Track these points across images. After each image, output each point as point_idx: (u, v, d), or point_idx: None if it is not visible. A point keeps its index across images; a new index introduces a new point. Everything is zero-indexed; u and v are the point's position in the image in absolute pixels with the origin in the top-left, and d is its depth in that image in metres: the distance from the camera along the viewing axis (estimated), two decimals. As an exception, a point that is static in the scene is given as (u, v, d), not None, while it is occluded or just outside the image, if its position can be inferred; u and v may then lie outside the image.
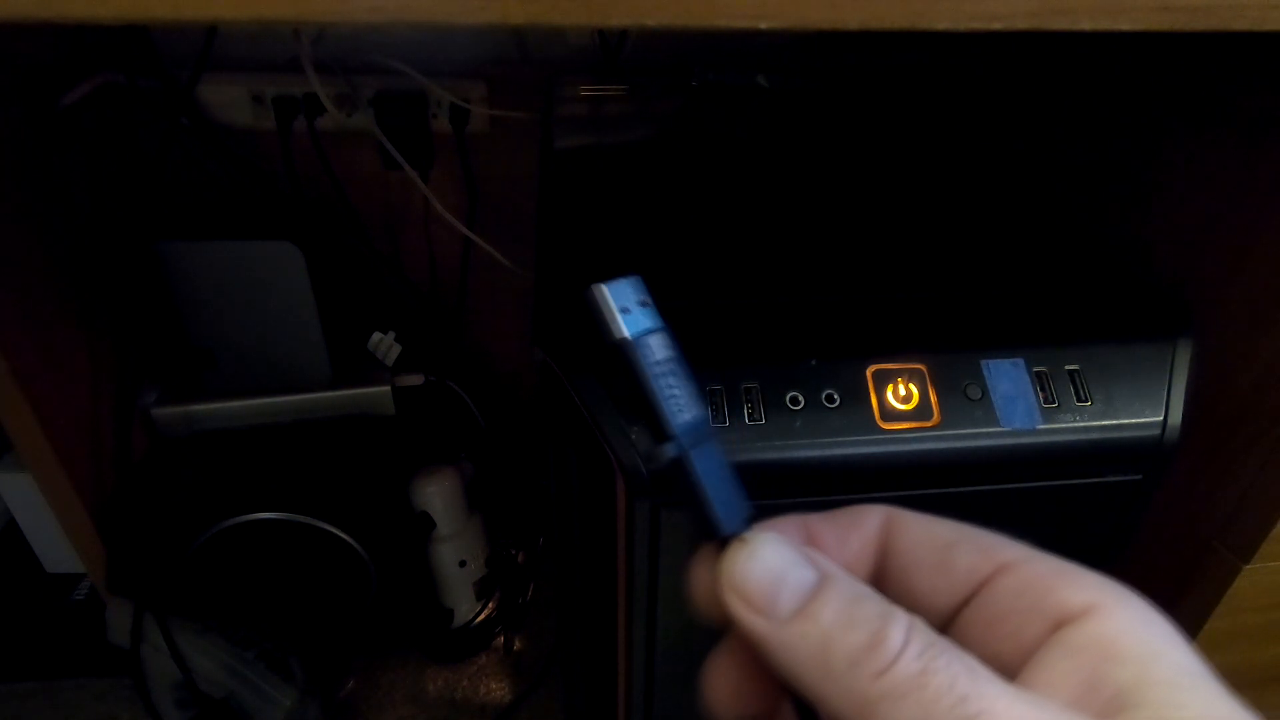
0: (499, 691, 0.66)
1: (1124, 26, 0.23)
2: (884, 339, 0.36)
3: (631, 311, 0.18)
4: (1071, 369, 0.36)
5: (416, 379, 0.68)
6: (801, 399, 0.34)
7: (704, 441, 0.19)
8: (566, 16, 0.21)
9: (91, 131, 0.57)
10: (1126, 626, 0.16)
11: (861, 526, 0.19)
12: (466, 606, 0.68)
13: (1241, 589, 0.40)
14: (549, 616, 0.73)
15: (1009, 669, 0.16)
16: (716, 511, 0.18)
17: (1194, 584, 0.43)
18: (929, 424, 0.35)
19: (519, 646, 0.70)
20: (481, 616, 0.69)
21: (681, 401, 0.18)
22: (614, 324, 0.18)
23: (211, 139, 0.62)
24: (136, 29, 0.56)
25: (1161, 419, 0.36)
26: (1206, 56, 0.42)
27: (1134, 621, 0.16)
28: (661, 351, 0.19)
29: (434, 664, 0.68)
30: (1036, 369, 0.36)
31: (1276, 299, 0.37)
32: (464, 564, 0.66)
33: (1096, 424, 0.35)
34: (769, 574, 0.17)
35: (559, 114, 0.60)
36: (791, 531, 0.19)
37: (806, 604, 0.16)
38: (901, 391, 0.35)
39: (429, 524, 0.64)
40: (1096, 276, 0.42)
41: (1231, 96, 0.40)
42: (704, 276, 0.40)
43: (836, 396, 0.35)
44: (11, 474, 0.59)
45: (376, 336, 0.67)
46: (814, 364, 0.35)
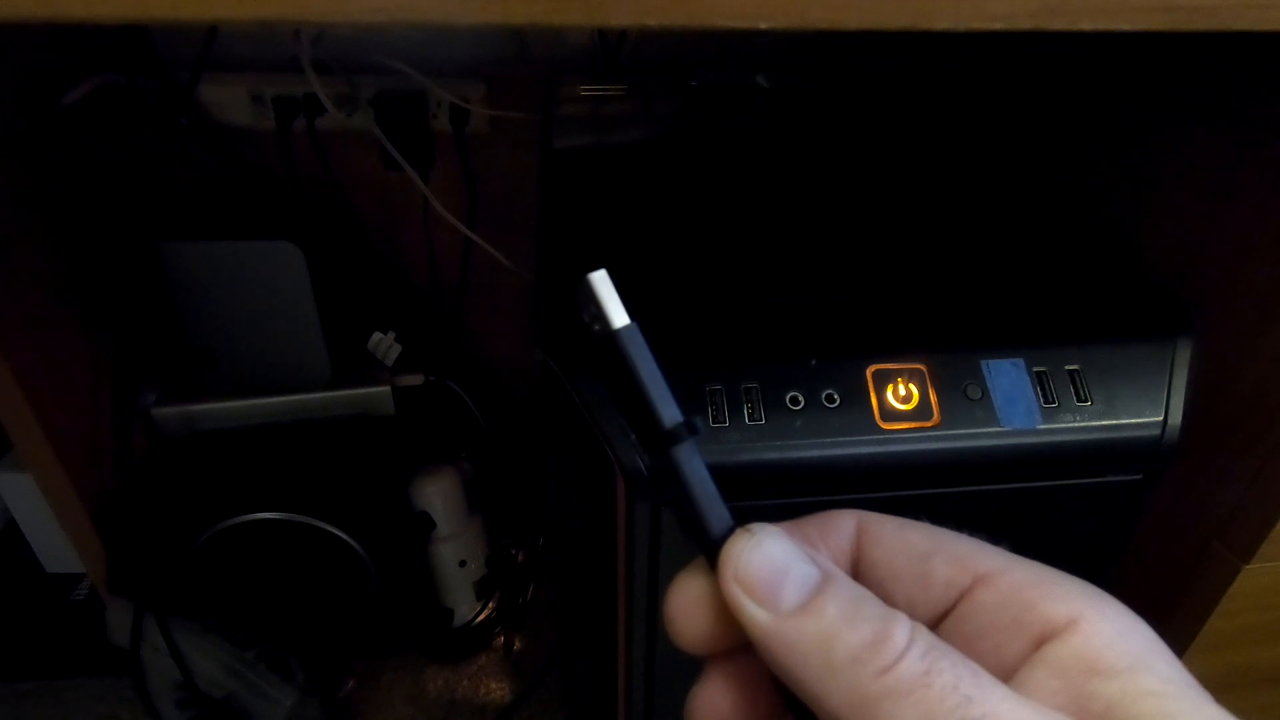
0: (499, 691, 0.66)
1: (1124, 26, 0.22)
2: (884, 339, 0.36)
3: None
4: (1071, 369, 0.36)
5: (416, 379, 0.68)
6: (801, 399, 0.34)
7: (689, 439, 0.18)
8: (566, 16, 0.21)
9: (91, 131, 0.57)
10: (1110, 639, 0.15)
11: (833, 536, 0.19)
12: (466, 606, 0.68)
13: (1241, 589, 0.40)
14: (549, 616, 0.73)
15: None
16: (709, 509, 0.18)
17: (1194, 584, 0.43)
18: (929, 424, 0.35)
19: (519, 646, 0.70)
20: (481, 616, 0.69)
21: (670, 396, 0.18)
22: (616, 311, 0.18)
23: (211, 139, 0.62)
24: (136, 29, 0.56)
25: (1161, 419, 0.36)
26: (1206, 56, 0.42)
27: (1117, 633, 0.16)
28: (636, 354, 0.18)
29: (434, 664, 0.68)
30: (1036, 369, 0.36)
31: (1277, 298, 0.37)
32: (464, 564, 0.66)
33: (1096, 424, 0.35)
34: (773, 566, 0.16)
35: (559, 114, 0.60)
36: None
37: (810, 599, 0.16)
38: (901, 391, 0.35)
39: (429, 524, 0.64)
40: (1096, 276, 0.42)
41: (1231, 96, 0.40)
42: (704, 276, 0.40)
43: (836, 396, 0.35)
44: (11, 474, 0.59)
45: (376, 336, 0.67)
46: (814, 364, 0.35)
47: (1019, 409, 0.35)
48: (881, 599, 0.18)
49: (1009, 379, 0.35)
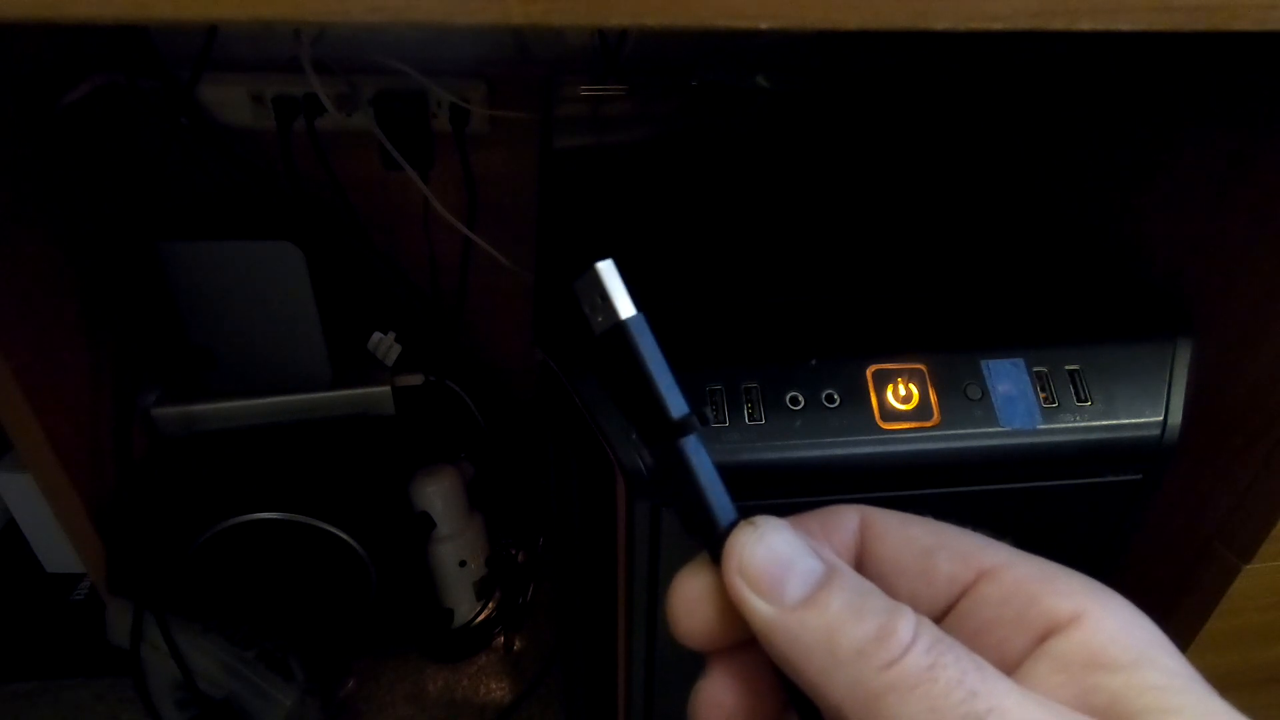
0: (499, 691, 0.66)
1: (1123, 27, 0.22)
2: (884, 339, 0.36)
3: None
4: (1071, 369, 0.36)
5: (416, 379, 0.68)
6: (801, 399, 0.34)
7: (694, 431, 0.18)
8: (566, 16, 0.21)
9: (91, 131, 0.57)
10: (1114, 634, 0.15)
11: (836, 532, 0.19)
12: (466, 606, 0.68)
13: (1241, 589, 0.40)
14: (549, 616, 0.73)
15: None
16: (715, 503, 0.18)
17: (1194, 584, 0.42)
18: (929, 424, 0.35)
19: (519, 646, 0.70)
20: (481, 616, 0.69)
21: (677, 386, 0.18)
22: (623, 301, 0.18)
23: (211, 139, 0.62)
24: (136, 29, 0.56)
25: (1161, 419, 0.36)
26: (1206, 56, 0.42)
27: (1121, 627, 0.16)
28: (640, 346, 0.18)
29: (434, 664, 0.68)
30: (1036, 369, 0.36)
31: (1277, 298, 0.37)
32: (464, 564, 0.66)
33: (1096, 424, 0.35)
34: (777, 559, 0.16)
35: (559, 114, 0.60)
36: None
37: (815, 592, 0.16)
38: (901, 391, 0.35)
39: (429, 524, 0.64)
40: (1096, 276, 0.42)
41: (1231, 96, 0.40)
42: (704, 276, 0.40)
43: (836, 396, 0.35)
44: (11, 474, 0.59)
45: (376, 336, 0.67)
46: (814, 364, 0.35)
47: (1019, 409, 0.35)
48: (885, 593, 0.18)
49: (1009, 379, 0.35)
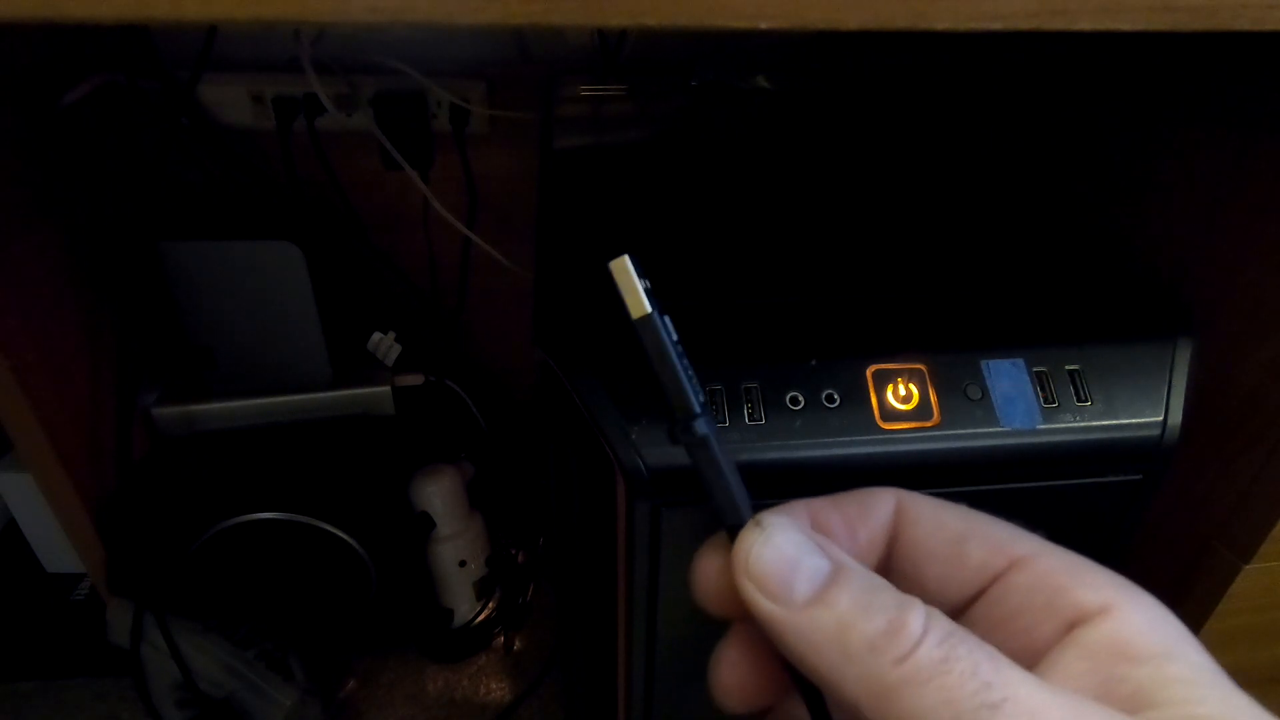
0: (499, 691, 0.66)
1: (1123, 26, 0.22)
2: (884, 339, 0.36)
3: (647, 288, 0.18)
4: (1071, 369, 0.36)
5: (416, 379, 0.68)
6: (801, 399, 0.34)
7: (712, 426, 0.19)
8: (566, 16, 0.21)
9: (91, 131, 0.57)
10: (1142, 627, 0.15)
11: (871, 517, 0.19)
12: (466, 606, 0.68)
13: (1241, 589, 0.40)
14: (549, 616, 0.73)
15: (1022, 667, 0.15)
16: (735, 494, 0.18)
17: (1194, 584, 0.43)
18: (929, 424, 0.35)
19: (519, 646, 0.70)
20: (481, 616, 0.69)
21: (697, 382, 0.19)
22: (642, 297, 0.18)
23: (211, 139, 0.62)
24: (136, 29, 0.56)
25: (1161, 419, 0.36)
26: (1206, 56, 0.42)
27: (1149, 622, 0.16)
28: (673, 331, 0.19)
29: (434, 664, 0.68)
30: (1036, 369, 0.36)
31: (1277, 299, 0.37)
32: (464, 564, 0.66)
33: (1096, 424, 0.35)
34: (784, 560, 0.16)
35: (559, 114, 0.60)
36: (799, 519, 0.19)
37: (822, 590, 0.16)
38: (901, 391, 0.35)
39: (429, 524, 0.64)
40: (1097, 276, 0.42)
41: (1231, 96, 0.40)
42: (704, 276, 0.40)
43: (836, 396, 0.35)
44: (11, 474, 0.59)
45: (376, 336, 0.67)
46: (814, 364, 0.35)
47: (1019, 409, 0.35)
48: (915, 579, 0.18)
49: (1009, 379, 0.35)
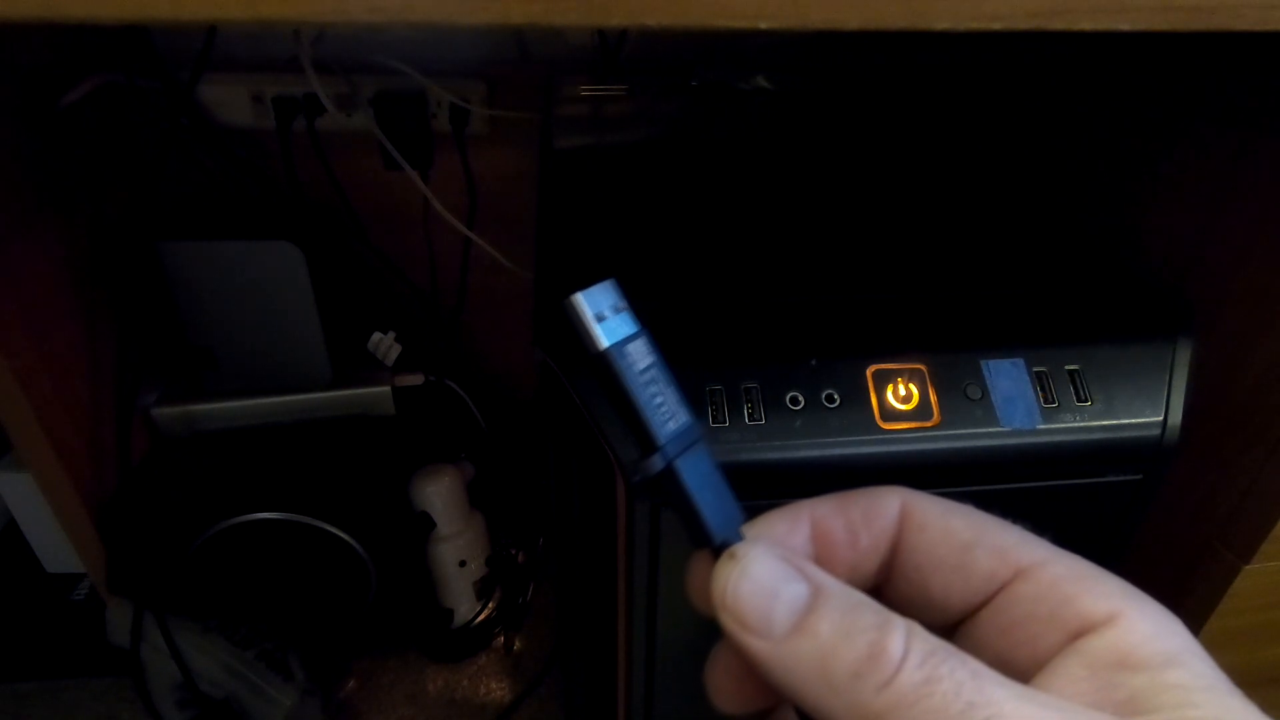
0: (499, 691, 0.66)
1: (1124, 26, 0.22)
2: (884, 339, 0.36)
3: (608, 319, 0.18)
4: (1071, 369, 0.36)
5: (416, 379, 0.68)
6: (801, 399, 0.34)
7: (692, 446, 0.18)
8: (566, 16, 0.21)
9: (91, 131, 0.57)
10: (1146, 635, 0.15)
11: (874, 522, 0.19)
12: (466, 606, 0.68)
13: (1241, 589, 0.40)
14: (549, 616, 0.73)
15: (1022, 675, 0.15)
16: (707, 520, 0.18)
17: (1194, 584, 0.43)
18: (929, 424, 0.35)
19: (519, 646, 0.70)
20: (481, 616, 0.69)
21: (668, 409, 0.18)
22: (592, 335, 0.18)
23: (211, 139, 0.62)
24: (136, 29, 0.56)
25: (1161, 419, 0.36)
26: (1206, 56, 0.42)
27: (1154, 630, 0.16)
28: (643, 359, 0.18)
29: (434, 664, 0.68)
30: (1036, 369, 0.36)
31: (1277, 298, 0.37)
32: (464, 564, 0.66)
33: (1096, 424, 0.35)
34: (761, 592, 0.16)
35: (559, 114, 0.60)
36: (795, 528, 0.19)
37: (802, 619, 0.16)
38: (901, 391, 0.35)
39: (429, 524, 0.64)
40: (1097, 276, 0.42)
41: (1231, 96, 0.40)
42: (704, 277, 0.40)
43: (836, 396, 0.35)
44: (11, 474, 0.59)
45: (376, 336, 0.67)
46: (814, 364, 0.35)
47: (1019, 409, 0.35)
48: (920, 585, 0.18)
49: (1009, 379, 0.35)
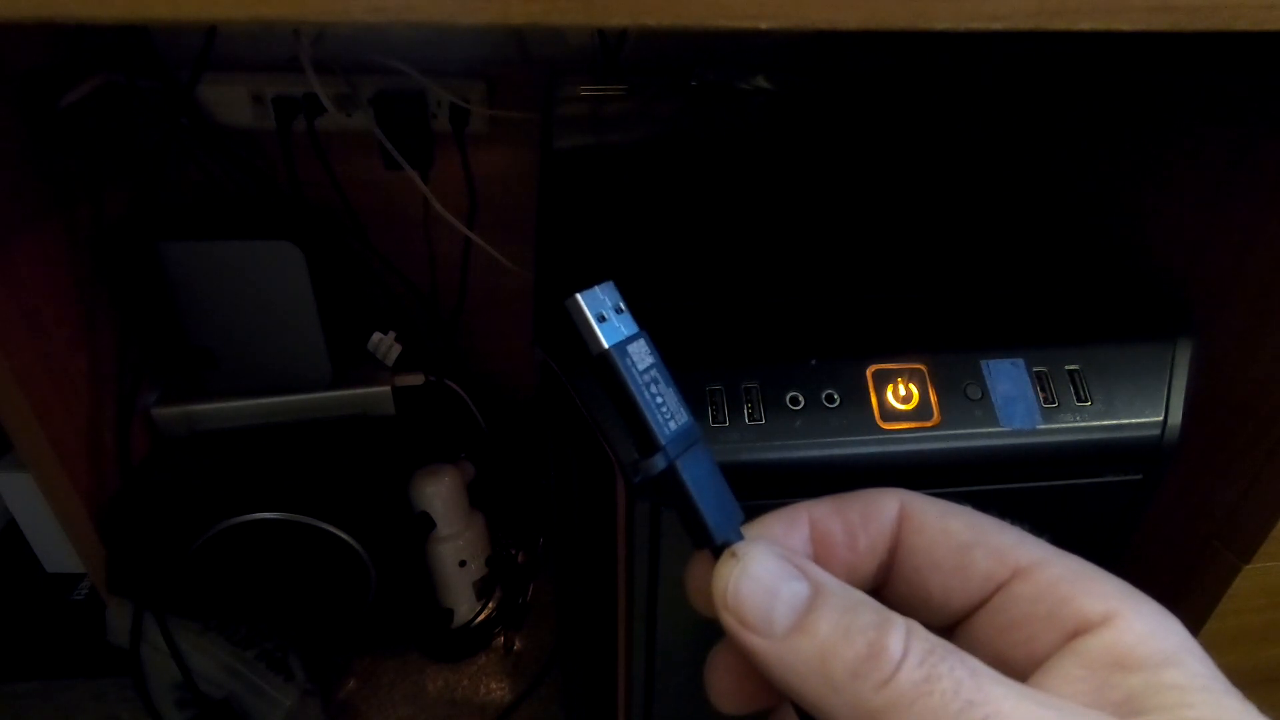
0: (499, 691, 0.66)
1: (1123, 26, 0.22)
2: (884, 339, 0.36)
3: (609, 320, 0.18)
4: (1071, 369, 0.36)
5: (416, 379, 0.68)
6: (801, 399, 0.34)
7: (692, 446, 0.18)
8: (566, 16, 0.21)
9: (91, 131, 0.57)
10: (1143, 635, 0.15)
11: (873, 523, 0.19)
12: (466, 606, 0.68)
13: (1241, 589, 0.40)
14: (549, 616, 0.73)
15: (1020, 674, 0.15)
16: (708, 519, 0.18)
17: (1194, 584, 0.43)
18: (929, 424, 0.35)
19: (519, 646, 0.70)
20: (481, 616, 0.69)
21: (668, 409, 0.18)
22: (593, 336, 0.18)
23: (211, 139, 0.62)
24: (136, 29, 0.56)
25: (1161, 419, 0.36)
26: (1206, 56, 0.42)
27: (1151, 630, 0.16)
28: (643, 359, 0.18)
29: (434, 664, 0.68)
30: (1036, 369, 0.36)
31: (1277, 298, 0.37)
32: (464, 564, 0.66)
33: (1096, 424, 0.35)
34: (761, 591, 0.16)
35: (559, 114, 0.60)
36: (794, 530, 0.19)
37: (802, 618, 0.16)
38: (901, 391, 0.35)
39: (429, 524, 0.64)
40: (1096, 276, 0.42)
41: (1231, 96, 0.40)
42: (704, 276, 0.40)
43: (836, 396, 0.35)
44: (11, 474, 0.59)
45: (376, 336, 0.67)
46: (814, 364, 0.35)
47: (1019, 409, 0.35)
48: (919, 586, 0.18)
49: (1009, 379, 0.35)
